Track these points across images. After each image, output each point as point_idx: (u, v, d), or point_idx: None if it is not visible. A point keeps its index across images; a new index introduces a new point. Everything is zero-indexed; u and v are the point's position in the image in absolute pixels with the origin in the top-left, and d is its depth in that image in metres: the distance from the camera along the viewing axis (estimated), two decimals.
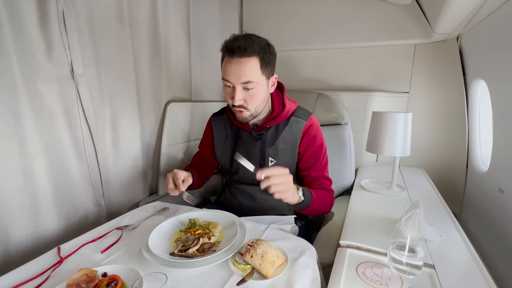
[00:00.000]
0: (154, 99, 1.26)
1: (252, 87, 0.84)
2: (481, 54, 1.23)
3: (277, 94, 0.98)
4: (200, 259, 0.64)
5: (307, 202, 0.86)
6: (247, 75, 0.82)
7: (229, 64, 0.83)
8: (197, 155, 1.18)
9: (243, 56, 0.81)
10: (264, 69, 0.85)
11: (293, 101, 1.01)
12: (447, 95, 1.45)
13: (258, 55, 0.83)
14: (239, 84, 0.83)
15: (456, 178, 1.46)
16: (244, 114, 0.89)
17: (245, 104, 0.86)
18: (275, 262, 0.63)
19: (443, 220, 0.91)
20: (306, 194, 0.86)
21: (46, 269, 0.63)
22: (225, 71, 0.84)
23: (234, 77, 0.83)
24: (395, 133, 1.08)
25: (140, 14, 1.14)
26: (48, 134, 0.89)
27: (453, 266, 0.67)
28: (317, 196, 0.90)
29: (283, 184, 0.73)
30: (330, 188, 1.00)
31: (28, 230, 0.87)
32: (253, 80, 0.83)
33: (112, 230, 0.81)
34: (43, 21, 0.83)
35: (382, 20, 1.50)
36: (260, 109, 0.91)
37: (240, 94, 0.84)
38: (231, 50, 0.81)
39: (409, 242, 0.61)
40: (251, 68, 0.82)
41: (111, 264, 0.64)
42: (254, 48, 0.81)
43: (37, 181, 0.87)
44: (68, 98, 0.93)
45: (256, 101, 0.87)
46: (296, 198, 0.81)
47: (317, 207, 0.91)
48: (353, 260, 0.69)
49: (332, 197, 0.99)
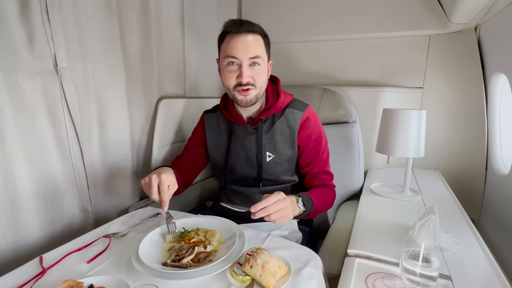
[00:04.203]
0: (144, 95, 1.26)
1: (259, 63, 0.89)
2: (502, 46, 1.23)
3: (271, 86, 1.02)
4: (195, 269, 0.64)
5: (308, 211, 0.88)
6: (256, 49, 0.88)
7: (236, 39, 0.87)
8: (182, 154, 1.13)
9: (250, 32, 0.87)
10: (267, 49, 0.93)
11: (289, 93, 1.04)
12: (465, 91, 1.45)
13: (261, 35, 0.91)
14: (246, 60, 0.87)
15: (474, 181, 1.46)
16: (250, 93, 0.91)
17: (253, 81, 0.90)
18: (277, 273, 0.63)
19: (460, 227, 0.91)
20: (307, 202, 0.87)
21: (27, 281, 0.63)
22: (230, 47, 0.88)
23: (241, 51, 0.86)
24: (408, 132, 1.08)
25: (130, 2, 1.14)
26: (30, 133, 0.89)
27: (472, 277, 0.67)
28: (317, 198, 0.92)
29: (281, 211, 0.74)
30: (331, 183, 1.04)
31: (8, 238, 0.86)
32: (261, 56, 0.89)
33: (99, 238, 0.81)
34: (24, 9, 0.83)
35: (393, 9, 1.50)
36: (263, 90, 0.95)
37: (247, 71, 0.88)
38: (239, 24, 0.86)
39: (423, 251, 0.61)
40: (258, 43, 0.89)
41: (98, 275, 0.64)
42: (258, 27, 0.90)
43: (17, 185, 0.87)
44: (52, 94, 0.93)
45: (262, 79, 0.92)
46: (297, 212, 0.83)
47: (318, 209, 0.94)
48: (362, 270, 0.69)
49: (333, 192, 1.03)
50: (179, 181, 1.04)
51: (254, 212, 0.72)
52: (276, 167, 1.00)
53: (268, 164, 0.99)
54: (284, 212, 0.75)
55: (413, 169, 1.43)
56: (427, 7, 1.44)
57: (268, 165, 0.99)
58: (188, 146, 1.13)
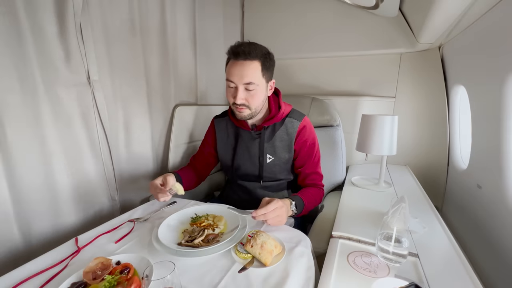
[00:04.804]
0: (163, 103, 1.26)
1: (253, 88, 0.85)
2: (461, 62, 1.23)
3: (273, 98, 1.00)
4: (205, 248, 0.64)
5: (299, 211, 0.87)
6: (249, 76, 0.84)
7: (234, 66, 0.85)
8: (197, 154, 1.15)
9: (246, 59, 0.83)
10: (264, 73, 0.87)
11: (288, 104, 1.02)
12: (430, 100, 1.45)
13: (260, 59, 0.85)
14: (241, 84, 0.85)
15: (438, 175, 1.46)
16: (244, 112, 0.89)
17: (247, 103, 0.87)
18: (273, 251, 0.63)
19: (426, 213, 0.91)
20: (299, 205, 0.86)
21: (65, 258, 0.64)
22: (229, 72, 0.86)
23: (237, 77, 0.84)
24: (383, 134, 1.08)
25: (151, 26, 1.14)
26: (67, 135, 0.89)
27: (435, 255, 0.67)
28: (308, 199, 0.91)
29: (277, 216, 0.74)
30: (320, 183, 1.02)
31: (48, 222, 0.87)
32: (254, 82, 0.84)
33: (125, 223, 0.81)
34: (62, 32, 0.84)
35: (371, 31, 1.50)
36: (259, 109, 0.92)
37: (242, 94, 0.86)
38: (236, 53, 0.83)
39: (395, 233, 0.61)
40: (253, 70, 0.84)
41: (124, 253, 0.64)
42: (256, 53, 0.84)
43: (56, 178, 0.87)
44: (85, 102, 0.93)
45: (256, 101, 0.88)
46: (290, 213, 0.83)
47: (308, 208, 0.92)
48: (344, 249, 0.69)
49: (322, 192, 1.01)
50: (193, 178, 1.06)
51: (255, 216, 0.72)
52: (275, 167, 0.99)
53: (268, 165, 0.98)
54: (279, 218, 0.75)
55: (387, 164, 1.43)
56: (399, 30, 1.43)
57: (268, 166, 0.98)
58: (202, 147, 1.14)
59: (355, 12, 1.51)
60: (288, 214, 0.81)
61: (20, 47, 0.75)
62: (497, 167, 0.90)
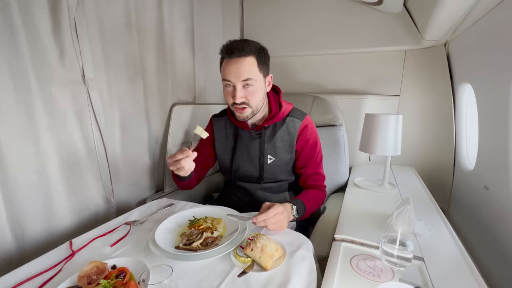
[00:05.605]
0: (160, 102, 1.25)
1: (252, 84, 0.85)
2: (467, 59, 1.23)
3: (273, 96, 0.99)
4: (203, 252, 0.64)
5: (300, 216, 0.86)
6: (246, 72, 0.83)
7: (229, 64, 0.84)
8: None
9: (241, 56, 0.83)
10: (261, 67, 0.86)
11: (289, 102, 1.02)
12: (436, 98, 1.45)
13: (254, 54, 0.85)
14: (239, 82, 0.84)
15: (444, 176, 1.46)
16: (245, 111, 0.89)
17: (247, 101, 0.87)
18: (274, 255, 0.63)
19: (432, 215, 0.91)
20: (300, 209, 0.86)
21: (59, 262, 0.63)
22: (225, 72, 0.85)
23: (234, 76, 0.84)
24: (387, 133, 1.08)
25: (148, 22, 1.14)
26: (61, 134, 0.89)
27: (441, 259, 0.67)
28: (309, 202, 0.90)
29: (277, 222, 0.74)
30: (322, 184, 1.01)
31: (42, 225, 0.87)
32: (252, 77, 0.84)
33: (121, 225, 0.81)
34: (56, 28, 0.83)
35: (375, 28, 1.50)
36: (259, 106, 0.92)
37: (240, 92, 0.85)
38: (230, 51, 0.83)
39: (400, 236, 0.61)
40: (250, 66, 0.84)
41: (120, 257, 0.64)
42: (250, 48, 0.84)
43: (50, 179, 0.87)
44: (80, 101, 0.93)
45: (256, 98, 0.88)
46: (291, 218, 0.82)
47: (310, 212, 0.92)
48: (347, 253, 0.69)
49: (324, 193, 1.00)
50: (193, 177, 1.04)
51: (255, 222, 0.72)
52: (276, 168, 0.98)
53: (269, 165, 0.98)
54: (280, 223, 0.75)
55: (391, 165, 1.43)
56: (404, 27, 1.43)
57: (269, 167, 0.98)
58: (199, 147, 1.12)
59: (358, 8, 1.51)
60: (289, 219, 0.80)
61: (13, 44, 0.75)
62: (505, 168, 0.90)
